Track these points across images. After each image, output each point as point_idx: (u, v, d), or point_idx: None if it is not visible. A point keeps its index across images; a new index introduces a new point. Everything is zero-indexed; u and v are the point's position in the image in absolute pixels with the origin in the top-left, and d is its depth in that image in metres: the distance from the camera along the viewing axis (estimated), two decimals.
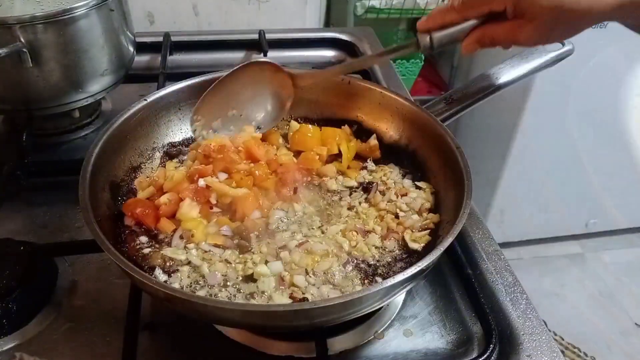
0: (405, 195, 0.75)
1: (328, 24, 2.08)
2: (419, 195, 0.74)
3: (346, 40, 1.25)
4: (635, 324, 2.06)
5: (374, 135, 0.83)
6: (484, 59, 2.06)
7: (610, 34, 1.68)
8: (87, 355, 0.62)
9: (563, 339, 1.96)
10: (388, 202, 0.74)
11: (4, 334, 0.63)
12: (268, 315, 0.54)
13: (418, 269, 0.54)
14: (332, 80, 0.85)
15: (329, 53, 1.25)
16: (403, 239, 0.69)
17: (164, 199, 0.69)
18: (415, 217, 0.71)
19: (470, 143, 2.16)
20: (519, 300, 0.69)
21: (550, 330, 0.66)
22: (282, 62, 1.16)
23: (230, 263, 0.64)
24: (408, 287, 0.62)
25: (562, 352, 1.52)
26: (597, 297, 2.17)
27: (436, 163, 0.76)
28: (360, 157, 0.82)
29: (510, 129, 1.90)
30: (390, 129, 0.83)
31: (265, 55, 1.17)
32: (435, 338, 0.66)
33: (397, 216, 0.72)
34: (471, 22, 0.65)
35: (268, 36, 1.20)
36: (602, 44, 1.70)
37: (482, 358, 0.61)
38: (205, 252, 0.65)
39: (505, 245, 2.19)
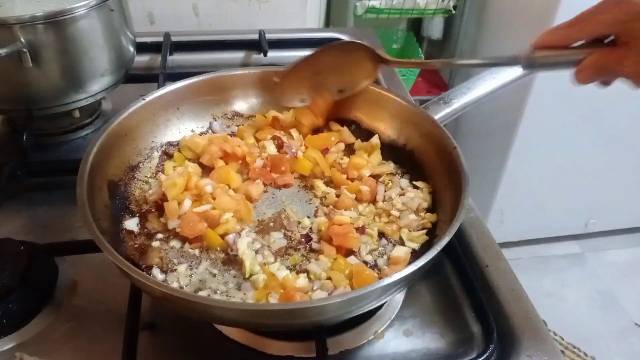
0: (403, 194, 0.75)
1: (328, 24, 2.08)
2: (417, 195, 0.74)
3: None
4: (635, 323, 2.06)
5: (376, 135, 0.83)
6: None
7: None
8: (87, 355, 0.62)
9: (563, 339, 1.96)
10: (384, 201, 0.75)
11: (4, 334, 0.63)
12: (266, 315, 0.55)
13: (415, 268, 0.54)
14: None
15: None
16: (400, 238, 0.70)
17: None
18: (413, 216, 0.72)
19: (470, 143, 2.16)
20: (519, 300, 0.69)
21: (550, 330, 0.66)
22: (282, 62, 1.17)
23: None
24: (406, 287, 0.62)
25: (562, 352, 1.52)
26: (597, 297, 2.17)
27: (434, 163, 0.76)
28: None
29: (510, 129, 1.90)
30: (388, 129, 0.83)
31: (265, 55, 1.17)
32: (435, 338, 0.66)
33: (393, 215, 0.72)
34: (580, 50, 0.58)
35: (268, 36, 1.20)
36: None
37: (482, 358, 0.61)
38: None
39: (505, 245, 2.18)
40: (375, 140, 0.82)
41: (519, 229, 2.22)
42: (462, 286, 0.71)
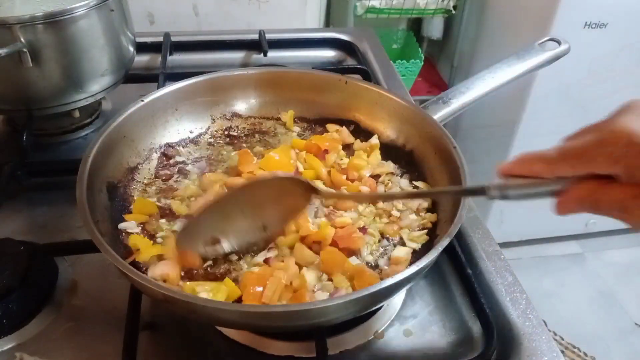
0: None
1: (328, 24, 2.08)
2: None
3: (346, 40, 1.25)
4: (635, 324, 2.06)
5: (376, 135, 0.83)
6: (484, 59, 2.06)
7: (610, 33, 1.69)
8: (87, 355, 0.62)
9: (563, 339, 1.95)
10: (384, 201, 0.75)
11: (4, 333, 0.63)
12: (267, 316, 0.54)
13: (416, 269, 0.54)
14: (328, 80, 0.85)
15: (329, 53, 1.25)
16: (401, 239, 0.70)
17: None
18: (413, 216, 0.72)
19: (470, 143, 2.16)
20: (519, 300, 0.69)
21: (550, 330, 0.66)
22: (282, 62, 1.17)
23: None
24: (407, 287, 0.62)
25: (562, 352, 1.52)
26: (597, 297, 2.17)
27: (433, 162, 0.76)
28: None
29: (510, 129, 1.90)
30: (387, 129, 0.83)
31: (265, 55, 1.17)
32: (435, 338, 0.66)
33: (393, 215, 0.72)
34: (564, 181, 0.47)
35: (268, 36, 1.20)
36: (602, 44, 1.70)
37: (482, 358, 0.61)
38: None
39: (505, 245, 2.18)
40: (374, 140, 0.82)
41: (519, 229, 2.22)
42: (462, 286, 0.71)
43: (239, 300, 0.59)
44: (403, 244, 0.69)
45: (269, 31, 1.22)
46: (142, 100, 0.77)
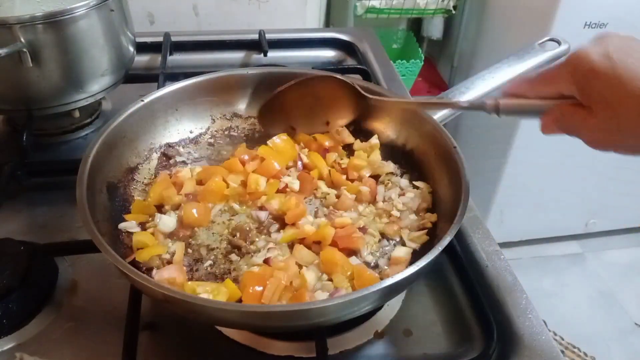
0: (403, 194, 0.75)
1: (328, 24, 2.08)
2: (417, 195, 0.74)
3: (346, 40, 1.25)
4: (635, 323, 2.06)
5: (376, 135, 0.83)
6: (484, 59, 2.06)
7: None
8: (87, 355, 0.62)
9: (563, 339, 1.95)
10: (384, 201, 0.75)
11: (4, 333, 0.63)
12: (266, 316, 0.54)
13: (416, 269, 0.54)
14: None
15: (329, 53, 1.25)
16: (401, 239, 0.70)
17: None
18: (413, 216, 0.72)
19: (470, 143, 2.16)
20: (519, 300, 0.69)
21: (550, 330, 0.66)
22: (282, 62, 1.17)
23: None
24: (407, 287, 0.62)
25: (562, 352, 1.52)
26: (597, 297, 2.17)
27: (433, 163, 0.76)
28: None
29: (510, 129, 1.90)
30: (387, 129, 0.83)
31: (265, 55, 1.17)
32: (435, 338, 0.66)
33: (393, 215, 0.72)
34: (545, 102, 0.56)
35: (268, 36, 1.20)
36: None
37: (482, 358, 0.61)
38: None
39: (505, 245, 2.18)
40: (374, 140, 0.82)
41: (519, 229, 2.22)
42: (462, 286, 0.71)
43: (239, 301, 0.59)
44: (403, 244, 0.69)
45: (269, 31, 1.22)
46: (142, 101, 0.77)
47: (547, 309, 2.05)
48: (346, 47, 1.24)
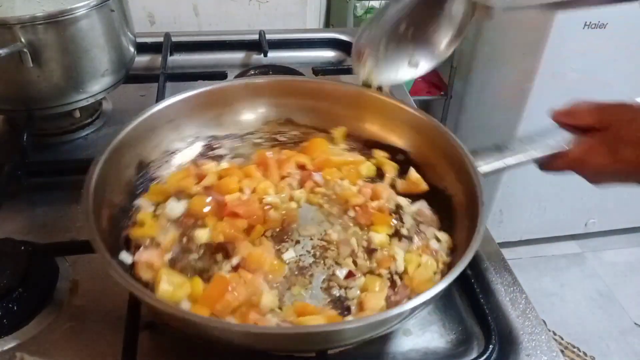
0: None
1: (328, 24, 2.08)
2: (439, 248, 0.69)
3: (346, 41, 1.25)
4: (635, 323, 2.07)
5: (412, 168, 0.76)
6: (484, 59, 2.06)
7: (610, 33, 1.69)
8: (87, 355, 0.62)
9: (562, 339, 1.96)
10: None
11: (4, 333, 0.63)
12: (268, 338, 0.54)
13: (421, 301, 0.53)
14: (342, 91, 0.83)
15: (329, 53, 1.25)
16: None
17: None
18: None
19: (470, 143, 2.15)
20: (518, 300, 0.69)
21: (549, 330, 0.66)
22: (282, 62, 1.17)
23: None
24: (413, 316, 0.61)
25: (562, 351, 1.52)
26: (596, 297, 2.17)
27: (462, 214, 0.70)
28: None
29: (510, 129, 1.90)
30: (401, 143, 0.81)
31: (265, 55, 1.17)
32: (434, 337, 0.66)
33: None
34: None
35: (268, 36, 1.20)
36: (602, 44, 1.70)
37: (482, 358, 0.61)
38: None
39: (505, 245, 2.18)
40: (414, 174, 0.75)
41: (518, 229, 2.22)
42: (462, 286, 0.71)
43: (202, 302, 0.59)
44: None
45: (269, 31, 1.23)
46: (144, 113, 0.73)
47: (546, 308, 2.06)
48: (346, 47, 1.24)
